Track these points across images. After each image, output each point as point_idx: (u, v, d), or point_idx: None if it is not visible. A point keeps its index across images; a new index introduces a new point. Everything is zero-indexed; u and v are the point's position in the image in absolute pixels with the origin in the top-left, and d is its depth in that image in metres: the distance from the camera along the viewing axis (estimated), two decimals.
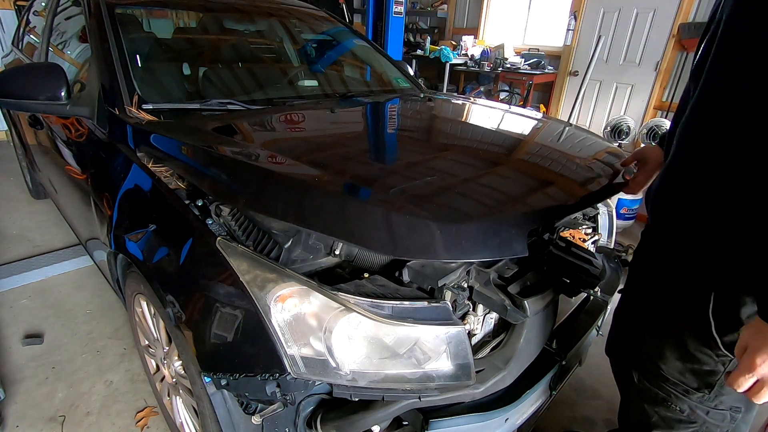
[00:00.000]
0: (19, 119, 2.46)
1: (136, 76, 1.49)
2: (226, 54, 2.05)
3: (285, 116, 1.52)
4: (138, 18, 1.85)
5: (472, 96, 5.76)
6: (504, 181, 1.12)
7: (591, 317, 1.29)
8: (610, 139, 3.72)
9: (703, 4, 3.96)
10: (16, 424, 1.51)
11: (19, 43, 2.75)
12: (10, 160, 3.69)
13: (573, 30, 4.79)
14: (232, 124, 1.37)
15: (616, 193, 1.23)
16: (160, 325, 1.26)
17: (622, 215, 3.13)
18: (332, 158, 1.17)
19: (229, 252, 0.91)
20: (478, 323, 1.03)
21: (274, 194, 0.98)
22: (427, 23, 6.62)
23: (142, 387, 1.67)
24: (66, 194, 1.84)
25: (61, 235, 2.72)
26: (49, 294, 2.19)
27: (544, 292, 1.00)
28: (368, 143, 1.45)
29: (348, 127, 1.58)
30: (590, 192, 1.14)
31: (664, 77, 4.30)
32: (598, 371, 1.87)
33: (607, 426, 1.63)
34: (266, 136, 1.37)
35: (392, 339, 0.89)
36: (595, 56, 3.45)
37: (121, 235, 1.21)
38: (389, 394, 0.88)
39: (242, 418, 0.95)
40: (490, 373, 0.96)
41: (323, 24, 2.43)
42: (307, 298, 0.87)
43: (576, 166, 1.29)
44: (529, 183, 1.12)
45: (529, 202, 1.01)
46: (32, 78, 1.40)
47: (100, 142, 1.43)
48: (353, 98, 1.85)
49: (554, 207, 1.03)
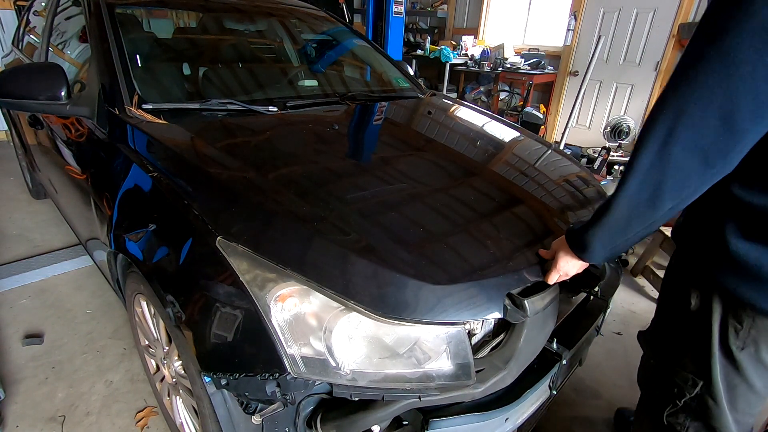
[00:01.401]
0: (19, 119, 2.46)
1: (136, 76, 1.49)
2: (226, 54, 2.05)
3: (273, 135, 1.44)
4: (138, 18, 1.85)
5: (473, 95, 5.78)
6: (491, 236, 1.10)
7: (591, 317, 1.29)
8: (609, 139, 3.73)
9: (703, 4, 3.96)
10: (16, 424, 1.51)
11: (19, 43, 2.75)
12: (10, 160, 3.69)
13: (573, 30, 4.80)
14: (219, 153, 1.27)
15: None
16: (160, 325, 1.26)
17: None
18: (318, 195, 1.11)
19: (229, 252, 0.91)
20: (478, 323, 1.03)
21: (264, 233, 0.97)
22: (427, 23, 6.62)
23: (142, 387, 1.67)
24: (66, 194, 1.84)
25: (61, 235, 2.72)
26: (49, 294, 2.19)
27: (544, 292, 1.00)
28: (354, 179, 1.31)
29: (336, 159, 1.41)
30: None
31: (664, 77, 4.30)
32: (598, 371, 1.87)
33: (607, 426, 1.63)
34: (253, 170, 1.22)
35: (392, 339, 0.89)
36: (595, 56, 3.45)
37: (121, 234, 1.21)
38: (389, 393, 0.88)
39: (242, 418, 0.95)
40: (490, 373, 0.96)
41: (323, 24, 2.43)
42: (307, 298, 0.87)
43: (558, 218, 1.28)
44: (515, 239, 1.11)
45: (511, 264, 1.02)
46: (32, 78, 1.40)
47: (100, 142, 1.43)
48: (349, 108, 1.79)
49: (534, 267, 1.04)
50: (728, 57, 0.64)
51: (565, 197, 1.40)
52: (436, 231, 1.05)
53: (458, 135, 1.83)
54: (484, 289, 0.94)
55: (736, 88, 0.64)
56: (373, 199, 1.14)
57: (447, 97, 2.40)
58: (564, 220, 1.27)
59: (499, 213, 1.20)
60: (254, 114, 1.52)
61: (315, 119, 1.61)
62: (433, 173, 1.37)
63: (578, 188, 1.50)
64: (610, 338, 2.10)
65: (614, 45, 4.56)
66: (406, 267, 0.91)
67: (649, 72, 4.38)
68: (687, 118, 0.68)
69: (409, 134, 1.74)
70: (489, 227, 1.12)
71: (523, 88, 5.10)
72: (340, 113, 1.73)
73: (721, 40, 0.64)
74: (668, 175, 0.72)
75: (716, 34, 0.65)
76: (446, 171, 1.41)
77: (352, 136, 1.60)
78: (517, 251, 1.06)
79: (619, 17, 4.47)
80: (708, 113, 0.67)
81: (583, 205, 1.39)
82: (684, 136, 0.69)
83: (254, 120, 1.49)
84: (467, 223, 1.12)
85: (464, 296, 0.92)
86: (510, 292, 0.97)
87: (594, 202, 1.44)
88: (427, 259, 0.95)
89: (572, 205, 1.37)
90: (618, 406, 1.70)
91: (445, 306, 0.89)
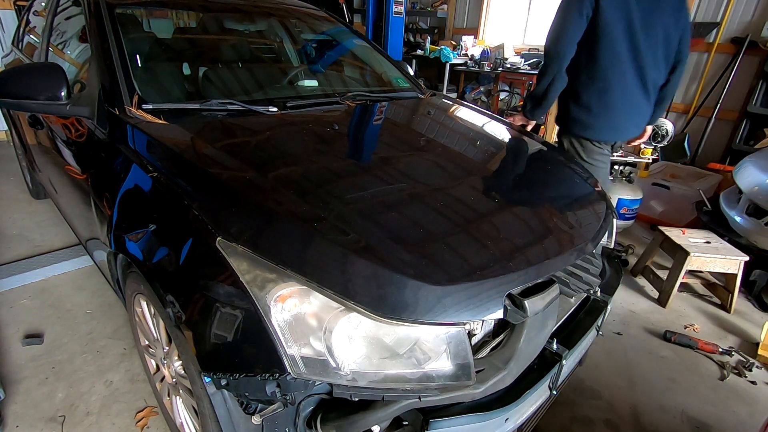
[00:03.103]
0: (19, 119, 2.46)
1: (136, 76, 1.49)
2: (226, 54, 2.05)
3: (273, 135, 1.44)
4: (138, 18, 1.85)
5: (473, 95, 5.78)
6: (491, 235, 1.10)
7: (591, 317, 1.29)
8: None
9: (703, 4, 3.96)
10: (16, 424, 1.51)
11: (19, 43, 2.75)
12: (10, 160, 3.69)
13: None
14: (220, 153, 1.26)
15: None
16: (160, 325, 1.26)
17: (622, 215, 3.13)
18: (318, 195, 1.10)
19: (229, 252, 0.91)
20: (478, 323, 1.03)
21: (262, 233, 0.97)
22: (427, 23, 6.62)
23: (142, 387, 1.67)
24: (66, 194, 1.84)
25: (61, 235, 2.72)
26: (49, 294, 2.19)
27: (544, 292, 1.00)
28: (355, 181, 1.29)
29: (336, 160, 1.39)
30: (571, 250, 1.15)
31: None
32: (598, 371, 1.87)
33: (607, 426, 1.63)
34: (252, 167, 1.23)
35: (392, 339, 0.89)
36: None
37: (121, 235, 1.21)
38: (389, 394, 0.88)
39: (242, 418, 0.95)
40: (490, 373, 0.96)
41: (323, 24, 2.43)
42: (307, 298, 0.87)
43: (559, 220, 1.28)
44: (515, 239, 1.11)
45: (511, 264, 1.01)
46: (32, 78, 1.40)
47: (100, 142, 1.43)
48: (348, 108, 1.78)
49: (534, 267, 1.04)
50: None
51: (565, 197, 1.40)
52: (435, 231, 1.05)
53: (458, 135, 1.83)
54: (484, 289, 0.94)
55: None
56: (373, 199, 1.14)
57: (447, 97, 2.40)
58: (563, 219, 1.27)
59: (498, 213, 1.20)
60: (254, 114, 1.52)
61: (315, 119, 1.61)
62: (433, 173, 1.37)
63: (578, 188, 1.50)
64: (610, 338, 2.10)
65: None
66: (406, 267, 0.91)
67: None
68: (556, 38, 1.86)
69: (409, 134, 1.74)
70: (489, 227, 1.12)
71: (523, 88, 5.10)
72: (340, 113, 1.73)
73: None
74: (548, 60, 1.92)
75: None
76: (446, 171, 1.41)
77: (352, 136, 1.60)
78: (517, 251, 1.06)
79: None
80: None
81: (582, 205, 1.39)
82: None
83: (254, 120, 1.49)
84: (467, 223, 1.12)
85: (464, 296, 0.92)
86: (510, 292, 0.97)
87: (594, 201, 1.43)
88: (427, 260, 0.95)
89: (572, 205, 1.37)
90: (618, 406, 1.71)
91: (445, 306, 0.89)
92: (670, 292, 2.39)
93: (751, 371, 1.95)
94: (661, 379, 1.87)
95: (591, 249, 1.22)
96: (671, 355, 2.03)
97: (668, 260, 2.52)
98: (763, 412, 1.74)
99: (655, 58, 1.88)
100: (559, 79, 1.91)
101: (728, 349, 2.05)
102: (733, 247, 2.39)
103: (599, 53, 1.84)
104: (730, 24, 3.84)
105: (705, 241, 2.43)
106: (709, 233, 2.54)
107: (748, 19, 3.77)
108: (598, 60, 1.85)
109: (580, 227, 1.26)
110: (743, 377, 1.91)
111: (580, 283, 1.13)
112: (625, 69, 1.86)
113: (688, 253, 2.29)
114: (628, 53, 1.83)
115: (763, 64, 3.66)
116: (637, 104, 1.97)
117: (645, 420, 1.67)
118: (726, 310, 2.42)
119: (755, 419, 1.71)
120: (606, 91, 1.91)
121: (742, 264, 2.30)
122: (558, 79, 1.90)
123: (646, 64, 1.87)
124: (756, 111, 3.69)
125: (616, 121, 1.98)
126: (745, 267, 2.31)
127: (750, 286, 2.54)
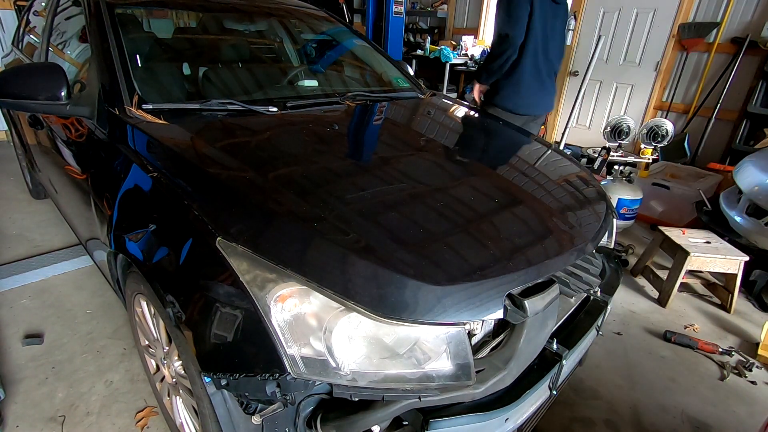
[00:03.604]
0: (19, 119, 2.45)
1: (136, 76, 1.49)
2: (226, 54, 2.05)
3: (273, 135, 1.44)
4: (138, 18, 1.85)
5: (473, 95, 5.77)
6: (492, 236, 1.10)
7: (591, 317, 1.29)
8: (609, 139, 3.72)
9: (703, 4, 3.96)
10: (16, 424, 1.51)
11: (19, 43, 2.75)
12: (10, 160, 3.69)
13: (573, 30, 4.79)
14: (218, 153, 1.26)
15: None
16: (160, 325, 1.26)
17: (622, 215, 3.13)
18: (318, 195, 1.11)
19: (229, 252, 0.91)
20: (478, 323, 1.03)
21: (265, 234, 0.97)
22: (427, 23, 6.62)
23: (142, 387, 1.67)
24: (66, 194, 1.84)
25: (61, 235, 2.72)
26: (49, 294, 2.19)
27: (544, 292, 1.00)
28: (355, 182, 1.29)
29: (336, 160, 1.38)
30: (571, 250, 1.16)
31: (664, 77, 4.30)
32: (598, 371, 1.87)
33: (607, 426, 1.63)
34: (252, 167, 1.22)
35: (392, 339, 0.89)
36: (595, 56, 3.45)
37: (121, 235, 1.21)
38: (389, 394, 0.89)
39: (242, 418, 0.95)
40: (490, 373, 0.96)
41: (323, 24, 2.43)
42: (307, 298, 0.87)
43: (559, 219, 1.28)
44: (515, 239, 1.11)
45: (511, 264, 1.01)
46: (32, 78, 1.39)
47: (100, 142, 1.43)
48: (348, 108, 1.78)
49: (534, 267, 1.04)
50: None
51: (565, 197, 1.40)
52: (435, 231, 1.05)
53: (458, 135, 1.83)
54: (484, 289, 0.94)
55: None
56: (373, 199, 1.14)
57: (447, 97, 2.40)
58: (564, 219, 1.27)
59: (498, 213, 1.20)
60: (254, 114, 1.52)
61: (315, 119, 1.61)
62: (433, 173, 1.37)
63: (578, 188, 1.50)
64: (610, 338, 2.10)
65: (614, 45, 4.56)
66: (406, 267, 0.91)
67: (649, 72, 4.38)
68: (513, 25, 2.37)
69: (409, 134, 1.73)
70: (489, 227, 1.12)
71: None
72: (340, 113, 1.73)
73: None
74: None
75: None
76: (446, 171, 1.41)
77: (352, 136, 1.60)
78: (517, 251, 1.06)
79: (619, 17, 4.47)
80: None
81: (582, 205, 1.39)
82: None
83: (254, 120, 1.49)
84: (467, 223, 1.12)
85: (464, 296, 0.92)
86: (510, 292, 0.97)
87: (594, 202, 1.43)
88: (427, 260, 0.95)
89: (572, 205, 1.37)
90: (618, 406, 1.71)
91: (445, 306, 0.89)
92: (670, 292, 2.39)
93: (751, 371, 1.95)
94: (661, 379, 1.87)
95: (591, 249, 1.22)
96: (671, 355, 2.03)
97: (668, 260, 2.53)
98: (763, 412, 1.74)
99: (555, 51, 2.57)
100: (513, 56, 2.44)
101: (728, 349, 2.05)
102: (733, 247, 2.39)
103: (525, 44, 2.44)
104: (730, 24, 3.84)
105: (705, 241, 2.44)
106: (709, 233, 2.54)
107: (748, 19, 3.77)
108: (524, 48, 2.44)
109: (580, 227, 1.26)
110: (743, 377, 1.92)
111: (580, 283, 1.13)
112: (538, 59, 2.50)
113: (688, 253, 2.29)
114: (541, 45, 2.47)
115: (763, 64, 3.66)
116: (546, 86, 2.63)
117: (645, 420, 1.67)
118: (726, 310, 2.42)
119: (755, 419, 1.71)
120: (523, 74, 2.53)
121: (742, 264, 2.30)
122: (513, 56, 2.43)
123: (553, 56, 2.57)
124: (756, 111, 3.69)
125: (529, 98, 2.64)
126: (745, 267, 2.31)
127: (750, 286, 2.54)
